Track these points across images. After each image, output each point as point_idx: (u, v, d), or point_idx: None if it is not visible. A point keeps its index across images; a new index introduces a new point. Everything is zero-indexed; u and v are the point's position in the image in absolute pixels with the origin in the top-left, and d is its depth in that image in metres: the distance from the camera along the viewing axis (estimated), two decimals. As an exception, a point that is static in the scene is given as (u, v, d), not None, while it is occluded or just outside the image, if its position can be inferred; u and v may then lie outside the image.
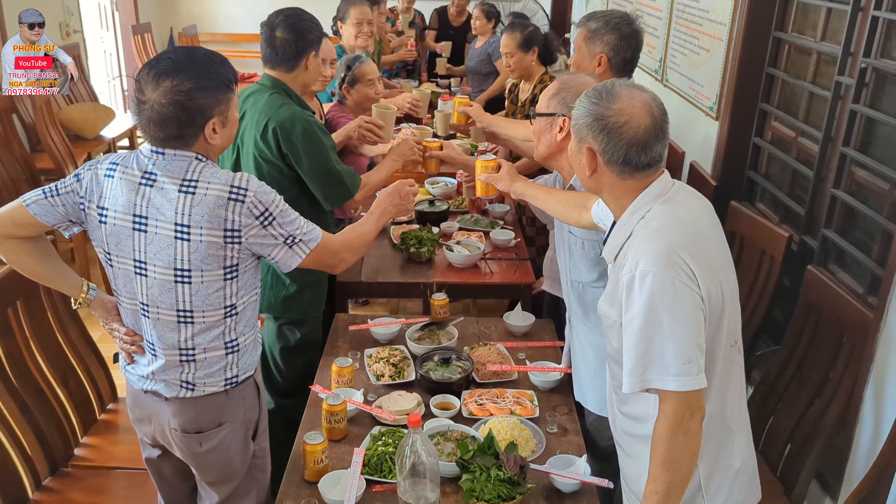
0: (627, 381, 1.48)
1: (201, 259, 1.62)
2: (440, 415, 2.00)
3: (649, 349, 1.44)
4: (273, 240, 1.66)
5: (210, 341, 1.71)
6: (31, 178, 4.33)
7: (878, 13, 2.17)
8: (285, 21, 2.31)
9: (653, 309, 1.43)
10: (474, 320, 2.57)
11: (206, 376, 1.73)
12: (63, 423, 2.20)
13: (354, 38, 3.65)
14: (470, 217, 3.30)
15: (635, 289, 1.45)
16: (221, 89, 1.62)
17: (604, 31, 2.42)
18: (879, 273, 2.07)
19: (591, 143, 1.51)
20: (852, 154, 2.27)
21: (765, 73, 2.88)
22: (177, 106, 1.56)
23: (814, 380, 2.06)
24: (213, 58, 1.64)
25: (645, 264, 1.44)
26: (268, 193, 1.65)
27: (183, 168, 1.61)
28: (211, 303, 1.67)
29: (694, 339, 1.43)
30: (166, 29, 7.93)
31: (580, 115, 1.54)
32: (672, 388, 1.43)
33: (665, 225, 1.50)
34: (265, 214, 1.63)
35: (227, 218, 1.60)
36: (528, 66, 3.38)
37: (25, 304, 2.12)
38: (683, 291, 1.43)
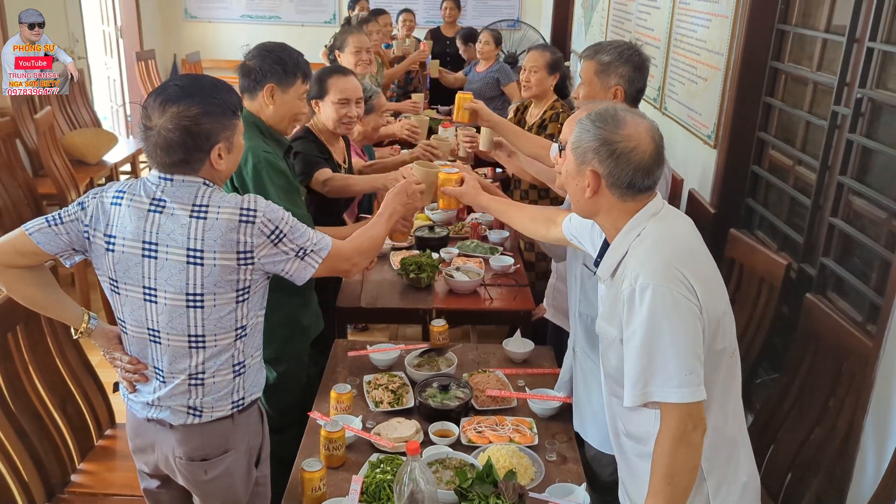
0: (629, 395, 1.49)
1: (214, 283, 1.63)
2: (439, 442, 1.99)
3: (651, 361, 1.45)
4: (285, 255, 1.69)
5: (220, 365, 1.71)
6: (33, 202, 4.35)
7: (873, 44, 2.20)
8: (256, 49, 2.32)
9: (654, 321, 1.45)
10: (473, 346, 2.56)
11: (213, 401, 1.72)
12: (60, 448, 2.19)
13: (354, 67, 3.69)
14: (470, 243, 3.31)
15: (636, 302, 1.47)
16: (227, 115, 1.65)
17: (617, 63, 2.39)
18: (878, 301, 2.08)
19: (597, 167, 1.53)
20: (849, 183, 2.29)
21: (762, 102, 2.91)
22: (183, 131, 1.59)
23: (814, 408, 2.05)
24: (218, 85, 1.67)
25: (645, 277, 1.46)
26: (276, 211, 1.68)
27: (192, 193, 1.63)
28: (223, 326, 1.68)
29: (694, 350, 1.45)
30: (170, 56, 8.01)
31: (585, 139, 1.55)
32: (674, 399, 1.44)
33: (661, 241, 1.53)
34: (275, 232, 1.66)
35: (239, 240, 1.62)
36: (546, 89, 3.39)
37: (26, 330, 2.13)
38: (683, 303, 1.45)
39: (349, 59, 3.70)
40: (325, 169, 2.65)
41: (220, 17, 8.00)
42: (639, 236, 1.55)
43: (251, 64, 2.29)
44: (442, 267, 3.00)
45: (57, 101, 5.43)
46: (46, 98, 5.24)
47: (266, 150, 2.23)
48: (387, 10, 5.99)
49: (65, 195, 4.42)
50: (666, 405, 1.46)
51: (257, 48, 2.33)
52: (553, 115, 3.31)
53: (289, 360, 2.38)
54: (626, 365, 1.50)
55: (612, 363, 1.63)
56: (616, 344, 1.57)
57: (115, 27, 7.16)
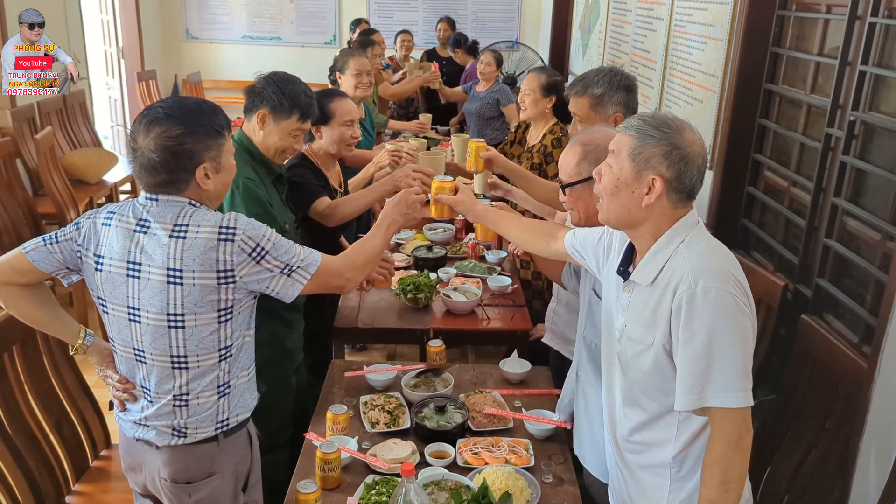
0: (685, 398, 1.49)
1: (195, 303, 1.63)
2: (435, 463, 1.99)
3: (710, 366, 1.46)
4: (269, 273, 1.67)
5: (204, 386, 1.71)
6: (32, 222, 4.36)
7: (865, 68, 2.23)
8: (268, 74, 2.35)
9: (716, 325, 1.45)
10: (470, 367, 2.56)
11: (197, 422, 1.72)
12: (55, 469, 2.19)
13: (354, 89, 3.72)
14: (467, 263, 3.31)
15: (697, 305, 1.46)
16: (211, 135, 1.65)
17: (610, 92, 2.47)
18: (873, 322, 2.08)
19: (665, 172, 1.51)
20: (843, 204, 2.30)
21: (757, 124, 2.93)
22: (165, 151, 1.60)
23: (810, 430, 2.05)
24: (203, 106, 1.69)
25: (707, 280, 1.47)
26: (257, 228, 1.66)
27: (175, 213, 1.64)
28: (205, 346, 1.67)
29: (749, 355, 1.48)
30: (171, 76, 8.07)
31: (650, 144, 1.52)
32: (733, 404, 1.45)
33: (713, 248, 1.56)
34: (257, 250, 1.64)
35: (218, 259, 1.61)
36: (541, 111, 3.41)
37: (22, 350, 2.13)
38: (744, 308, 1.48)
39: (349, 81, 3.73)
40: (323, 198, 2.66)
41: (221, 38, 8.06)
42: (682, 243, 1.55)
43: (256, 86, 2.32)
44: (440, 287, 3.00)
45: (58, 120, 5.47)
46: (47, 118, 5.28)
47: (247, 177, 2.23)
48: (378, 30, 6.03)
49: (64, 215, 4.43)
50: (721, 410, 1.46)
51: (270, 73, 2.35)
52: (555, 141, 3.33)
53: (270, 382, 2.33)
54: (682, 368, 1.49)
55: (642, 370, 1.61)
56: (654, 349, 1.56)
57: (117, 48, 7.22)
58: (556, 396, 2.31)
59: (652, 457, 1.64)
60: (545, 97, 3.38)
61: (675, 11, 3.64)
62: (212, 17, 7.99)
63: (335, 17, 7.98)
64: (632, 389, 1.67)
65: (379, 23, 7.41)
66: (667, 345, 1.54)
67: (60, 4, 5.62)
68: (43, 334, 2.21)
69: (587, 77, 2.54)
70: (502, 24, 7.92)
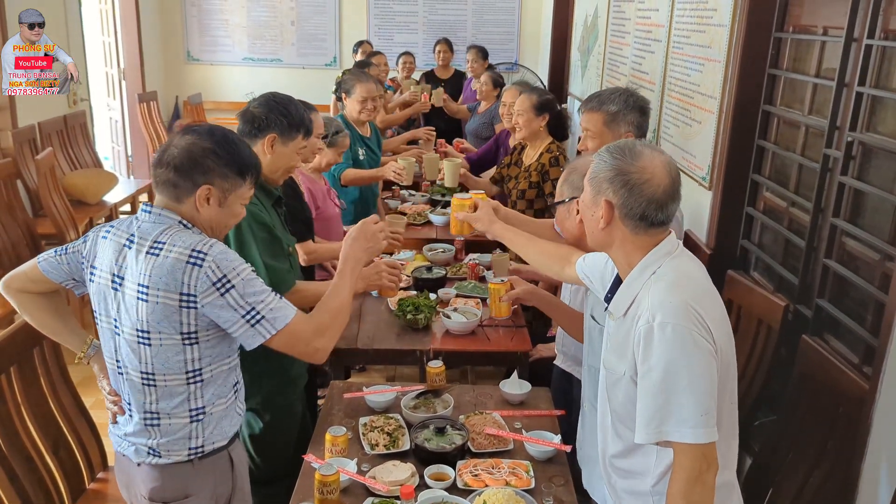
0: (643, 433, 1.48)
1: (157, 321, 1.63)
2: (434, 485, 1.97)
3: (667, 401, 1.44)
4: (233, 312, 1.62)
5: (174, 407, 1.70)
6: (32, 242, 4.36)
7: (862, 89, 2.24)
8: (263, 98, 2.34)
9: (672, 360, 1.44)
10: (470, 388, 2.55)
11: (169, 443, 1.72)
12: (52, 492, 2.17)
13: (358, 113, 3.73)
14: (467, 283, 3.31)
15: (655, 340, 1.46)
16: (234, 170, 1.70)
17: (625, 111, 2.49)
18: (874, 343, 2.07)
19: (610, 197, 1.54)
20: (842, 225, 2.31)
21: (755, 145, 2.94)
22: (186, 155, 1.66)
23: (811, 451, 2.04)
24: (244, 147, 1.75)
25: (664, 315, 1.46)
26: (230, 260, 1.63)
27: (160, 230, 1.66)
28: (171, 367, 1.67)
29: (710, 391, 1.45)
30: (172, 97, 8.12)
31: (601, 169, 1.56)
32: (690, 440, 1.43)
33: (679, 279, 1.53)
34: (223, 281, 1.61)
35: (183, 282, 1.60)
36: (535, 130, 3.44)
37: (19, 371, 2.12)
38: (701, 344, 1.45)
39: (354, 106, 3.72)
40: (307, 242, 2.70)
41: (222, 60, 8.11)
42: (654, 274, 1.55)
43: (256, 112, 2.30)
44: (439, 308, 3.00)
45: (59, 141, 5.49)
46: (48, 139, 5.30)
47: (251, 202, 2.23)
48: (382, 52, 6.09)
49: (64, 236, 4.43)
50: (680, 445, 1.45)
51: (264, 97, 2.34)
52: (552, 160, 3.35)
53: (274, 411, 2.33)
54: (640, 402, 1.49)
55: (618, 399, 1.62)
56: (625, 380, 1.57)
57: (118, 69, 7.26)
58: (556, 418, 2.30)
59: (635, 484, 1.64)
60: (538, 116, 3.41)
61: (673, 33, 3.67)
62: (213, 38, 8.06)
63: (335, 39, 8.04)
64: (613, 417, 1.69)
65: (379, 45, 7.46)
66: (634, 377, 1.54)
67: (62, 26, 5.66)
68: (41, 355, 2.21)
69: (603, 94, 2.56)
70: (501, 46, 7.98)
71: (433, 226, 4.15)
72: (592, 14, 5.74)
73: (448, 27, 7.95)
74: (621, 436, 1.65)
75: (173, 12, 7.95)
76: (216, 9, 7.97)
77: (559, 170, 3.31)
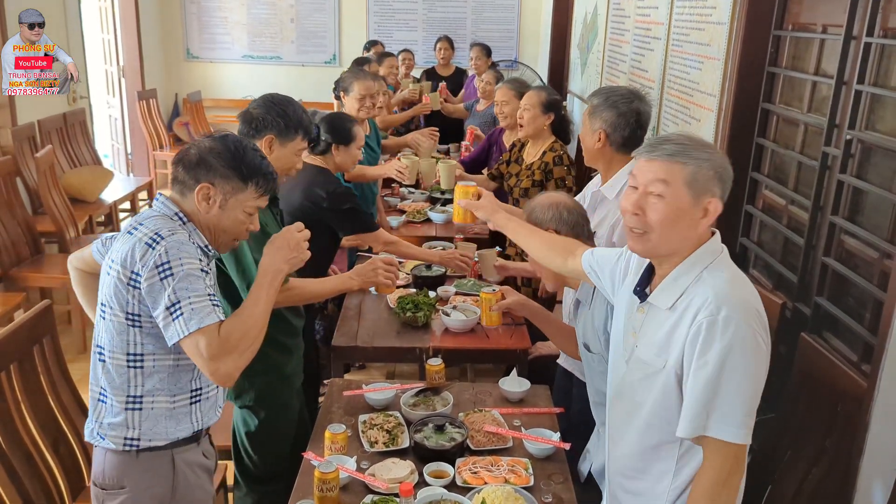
0: (687, 425, 1.47)
1: (110, 295, 1.67)
2: (434, 483, 1.97)
3: (716, 396, 1.43)
4: (162, 300, 1.59)
5: (114, 389, 1.72)
6: (31, 240, 4.37)
7: (861, 87, 2.24)
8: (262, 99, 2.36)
9: (732, 356, 1.43)
10: (470, 386, 2.56)
11: (109, 427, 1.73)
12: (52, 489, 2.17)
13: (357, 111, 3.73)
14: (467, 281, 3.31)
15: (717, 333, 1.44)
16: (239, 177, 1.72)
17: (602, 107, 2.46)
18: (872, 341, 2.08)
19: (718, 195, 1.53)
20: (841, 223, 2.31)
21: (754, 143, 2.94)
22: (197, 153, 1.72)
23: (810, 449, 2.04)
24: (252, 152, 1.76)
25: (729, 310, 1.44)
26: (182, 251, 1.62)
27: (150, 214, 1.72)
28: (117, 344, 1.69)
29: (757, 394, 1.45)
30: (171, 95, 8.12)
31: (704, 168, 1.51)
32: (729, 438, 1.43)
33: (738, 277, 1.53)
34: (165, 266, 1.60)
35: (136, 259, 1.63)
36: (540, 127, 3.43)
37: (19, 369, 2.12)
38: (761, 345, 1.45)
39: (353, 104, 3.69)
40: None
41: (222, 58, 8.11)
42: (706, 269, 1.53)
43: (255, 112, 2.31)
44: (439, 305, 3.00)
45: (58, 139, 5.48)
46: (48, 137, 5.29)
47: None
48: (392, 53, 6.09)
49: (63, 233, 4.44)
50: (716, 443, 1.44)
51: (263, 98, 2.35)
52: (556, 158, 3.34)
53: (269, 409, 2.33)
54: (690, 395, 1.47)
55: (650, 393, 1.58)
56: (664, 373, 1.54)
57: (118, 67, 7.26)
58: (555, 416, 2.31)
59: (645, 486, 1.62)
60: (544, 114, 3.40)
61: (672, 31, 3.67)
62: (212, 36, 8.06)
63: (335, 36, 8.04)
64: (634, 415, 1.65)
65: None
66: (678, 370, 1.52)
67: (62, 24, 5.65)
68: (41, 353, 2.21)
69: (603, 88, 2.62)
70: (501, 44, 7.97)
71: (432, 223, 4.15)
72: (592, 12, 5.73)
73: (448, 24, 7.95)
74: (645, 434, 1.62)
75: (173, 10, 7.95)
76: (215, 6, 7.96)
77: (563, 168, 3.32)
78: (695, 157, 1.51)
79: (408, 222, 4.14)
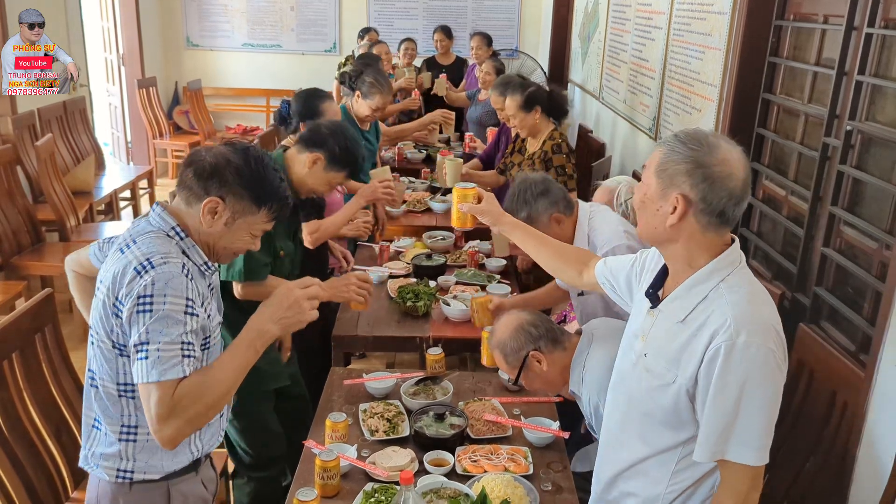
0: (704, 450, 1.45)
1: (97, 319, 1.56)
2: (434, 471, 1.99)
3: (736, 420, 1.41)
4: (134, 335, 1.46)
5: (108, 417, 1.60)
6: (32, 229, 4.37)
7: (862, 78, 2.24)
8: (328, 126, 2.43)
9: (752, 381, 1.39)
10: (470, 375, 2.57)
11: (103, 457, 1.63)
12: (54, 476, 2.19)
13: (365, 116, 3.70)
14: (467, 271, 3.32)
15: (735, 358, 1.39)
16: (250, 191, 1.59)
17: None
18: (870, 331, 2.09)
19: (687, 191, 1.42)
20: (841, 213, 2.31)
21: (755, 133, 2.94)
22: (213, 162, 1.58)
23: (808, 438, 2.06)
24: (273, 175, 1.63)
25: (748, 335, 1.39)
26: (167, 286, 1.46)
27: (145, 230, 1.58)
28: (107, 372, 1.57)
29: (775, 416, 1.43)
30: (171, 83, 8.09)
31: (675, 160, 1.43)
32: (750, 461, 1.42)
33: (757, 295, 1.46)
34: (146, 299, 1.45)
35: (121, 286, 1.49)
36: (532, 125, 3.45)
37: (21, 357, 2.13)
38: (780, 367, 1.43)
39: (365, 110, 3.64)
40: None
41: (222, 46, 8.08)
42: (723, 281, 1.45)
43: (323, 128, 2.40)
44: (439, 295, 3.01)
45: (58, 127, 5.47)
46: (48, 125, 5.28)
47: None
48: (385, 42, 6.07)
49: (64, 222, 4.44)
50: (736, 466, 1.43)
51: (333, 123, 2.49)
52: (554, 147, 3.36)
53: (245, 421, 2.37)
54: (708, 420, 1.44)
55: (658, 403, 1.54)
56: (674, 389, 1.49)
57: (118, 55, 7.24)
58: (554, 405, 2.32)
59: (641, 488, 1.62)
60: (528, 112, 3.42)
61: (673, 21, 3.66)
62: (212, 24, 8.02)
63: (335, 24, 8.01)
64: (637, 420, 1.62)
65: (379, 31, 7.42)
66: (690, 388, 1.47)
67: (61, 11, 5.63)
68: (42, 341, 2.22)
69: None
70: (502, 32, 7.94)
71: (433, 213, 4.15)
72: (593, 1, 5.71)
73: (448, 13, 7.92)
74: (646, 439, 1.60)
75: (172, -3, 7.92)
76: (215, -6, 7.93)
77: (562, 156, 3.33)
78: (672, 146, 1.45)
79: (408, 212, 4.14)
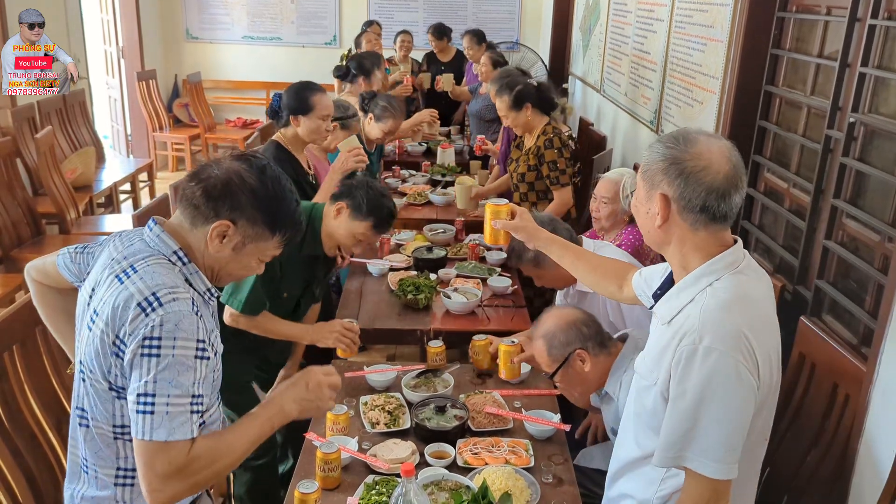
0: (661, 455, 1.43)
1: (91, 356, 1.41)
2: (435, 464, 1.99)
3: (694, 427, 1.38)
4: (136, 380, 1.33)
5: (100, 459, 1.49)
6: (32, 221, 4.36)
7: (865, 70, 2.23)
8: (360, 182, 2.40)
9: (710, 389, 1.36)
10: (470, 367, 2.57)
11: (92, 500, 1.52)
12: (55, 468, 2.19)
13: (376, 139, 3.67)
14: (468, 264, 3.31)
15: (696, 363, 1.37)
16: (266, 217, 1.45)
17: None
18: (872, 324, 2.08)
19: (666, 189, 1.41)
20: (843, 206, 2.31)
21: (757, 126, 2.93)
22: (224, 180, 1.43)
23: (809, 431, 2.05)
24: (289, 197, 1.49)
25: (712, 340, 1.37)
26: (178, 329, 1.34)
27: (144, 254, 1.44)
28: (101, 411, 1.45)
29: (740, 428, 1.39)
30: (171, 76, 8.07)
31: (653, 161, 1.43)
32: (708, 473, 1.38)
33: (736, 300, 1.42)
34: (154, 344, 1.33)
35: (123, 322, 1.36)
36: (525, 122, 3.46)
37: (22, 349, 2.13)
38: (744, 377, 1.37)
39: (377, 132, 3.63)
40: None
41: (222, 39, 8.06)
42: (711, 286, 1.43)
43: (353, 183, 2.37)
44: (440, 288, 3.00)
45: (58, 120, 5.46)
46: (47, 118, 5.27)
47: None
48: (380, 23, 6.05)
49: (64, 215, 4.43)
50: (695, 475, 1.40)
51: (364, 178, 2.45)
52: (546, 142, 3.37)
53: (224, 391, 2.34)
54: (667, 424, 1.42)
55: (646, 407, 1.54)
56: (654, 391, 1.48)
57: (117, 47, 7.22)
58: (555, 397, 2.32)
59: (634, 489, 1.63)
60: (520, 111, 3.42)
61: (675, 13, 3.64)
62: (212, 17, 8.00)
63: (336, 17, 7.98)
64: (632, 420, 1.64)
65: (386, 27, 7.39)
66: (665, 391, 1.46)
67: (61, 4, 5.62)
68: (43, 333, 2.21)
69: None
70: (502, 25, 7.92)
71: (434, 206, 4.14)
72: (594, -7, 5.69)
73: (448, 6, 7.90)
74: (638, 439, 1.61)
75: (172, -10, 7.89)
76: (215, -14, 7.91)
77: (553, 151, 3.34)
78: (653, 148, 1.44)
79: (408, 205, 4.14)
